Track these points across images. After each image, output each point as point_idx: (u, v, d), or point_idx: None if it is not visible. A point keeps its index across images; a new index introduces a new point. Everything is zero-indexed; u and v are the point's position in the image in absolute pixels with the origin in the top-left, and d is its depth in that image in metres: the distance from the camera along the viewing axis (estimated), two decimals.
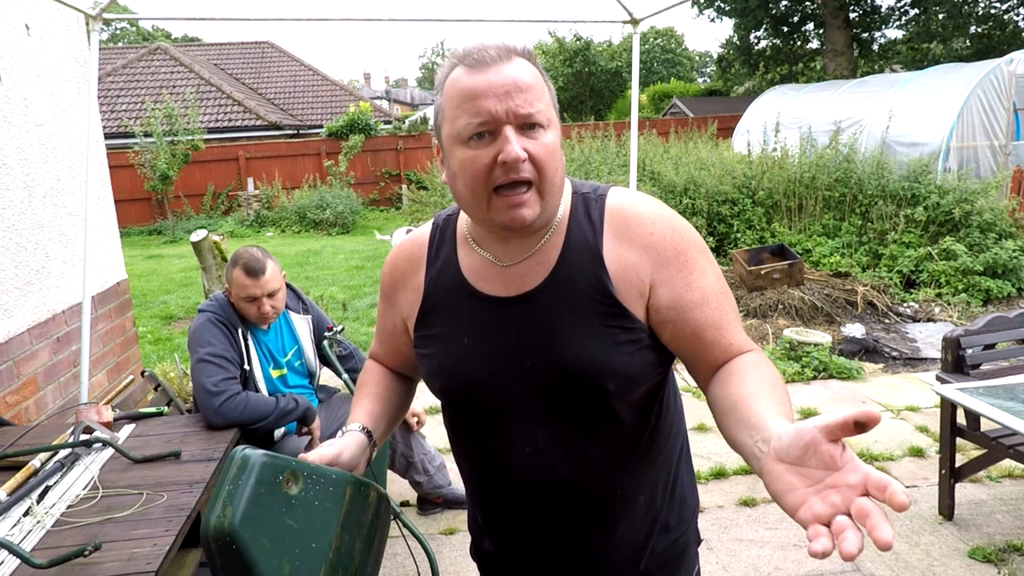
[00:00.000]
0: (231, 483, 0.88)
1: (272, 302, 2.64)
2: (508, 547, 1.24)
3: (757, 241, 7.57)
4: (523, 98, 0.97)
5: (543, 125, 1.00)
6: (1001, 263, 6.41)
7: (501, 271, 1.10)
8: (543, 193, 1.01)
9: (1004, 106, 9.11)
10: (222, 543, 0.85)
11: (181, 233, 13.62)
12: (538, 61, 1.06)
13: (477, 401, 1.13)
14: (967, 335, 3.38)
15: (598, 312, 1.04)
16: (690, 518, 1.27)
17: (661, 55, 39.22)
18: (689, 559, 1.28)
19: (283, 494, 0.92)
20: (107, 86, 17.82)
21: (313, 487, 0.96)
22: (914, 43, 21.42)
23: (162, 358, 5.65)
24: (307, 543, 0.94)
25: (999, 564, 2.72)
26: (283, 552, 0.90)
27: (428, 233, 1.20)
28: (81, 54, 4.01)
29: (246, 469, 0.89)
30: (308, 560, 0.94)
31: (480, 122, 0.97)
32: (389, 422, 1.27)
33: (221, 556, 0.86)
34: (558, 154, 1.03)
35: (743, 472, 3.56)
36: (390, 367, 1.33)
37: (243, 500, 0.87)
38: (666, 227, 1.07)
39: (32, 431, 2.42)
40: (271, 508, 0.91)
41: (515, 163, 0.96)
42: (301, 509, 0.94)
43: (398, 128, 17.87)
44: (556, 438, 1.09)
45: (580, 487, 1.12)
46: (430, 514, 3.22)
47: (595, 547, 1.17)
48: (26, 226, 3.26)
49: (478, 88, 0.97)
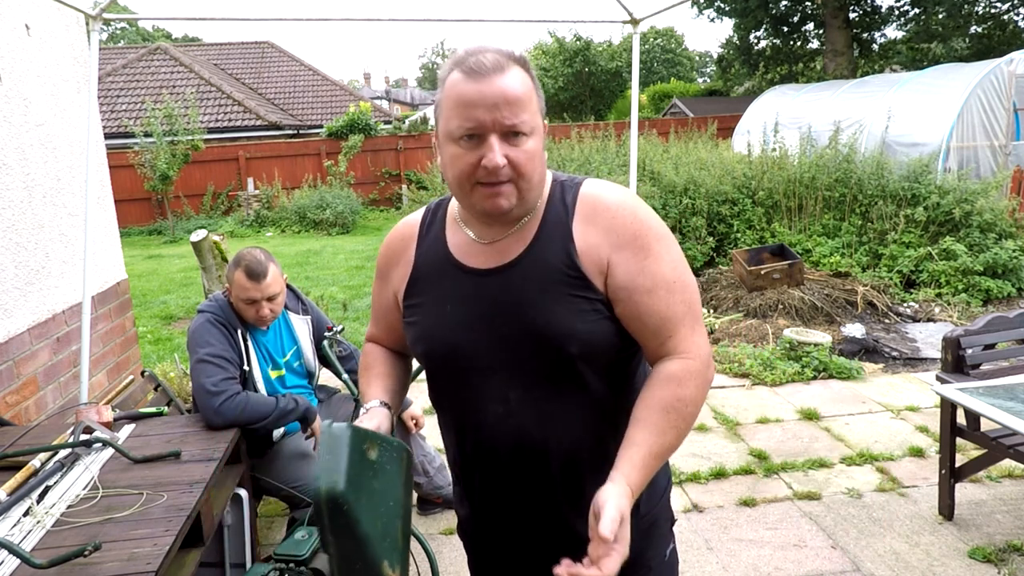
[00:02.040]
0: (330, 452, 0.98)
1: (271, 306, 2.64)
2: (484, 511, 1.33)
3: (757, 241, 7.57)
4: (510, 110, 1.10)
5: (526, 133, 1.12)
6: (1001, 263, 6.40)
7: (484, 247, 1.22)
8: (521, 189, 1.14)
9: (1004, 106, 9.10)
10: (334, 505, 0.94)
11: (181, 233, 13.62)
12: (531, 66, 1.18)
13: (456, 363, 1.22)
14: (967, 335, 3.38)
15: (565, 282, 1.16)
16: (659, 498, 1.34)
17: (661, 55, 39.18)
18: (660, 535, 1.35)
19: (368, 460, 1.03)
20: (107, 86, 17.80)
21: (384, 453, 1.07)
22: (914, 43, 21.40)
23: (162, 358, 5.65)
24: (387, 501, 1.05)
25: (999, 564, 2.72)
26: (374, 510, 1.02)
27: (421, 215, 1.34)
28: (81, 54, 4.01)
29: (341, 439, 1.00)
30: (390, 517, 1.05)
31: (469, 127, 1.10)
32: (399, 397, 1.38)
33: (332, 517, 0.95)
34: (538, 158, 1.15)
35: (743, 472, 3.56)
36: (387, 346, 1.44)
37: (345, 466, 0.97)
38: (628, 213, 1.18)
39: (32, 431, 2.42)
40: (363, 472, 1.01)
41: (495, 170, 1.10)
42: (380, 473, 1.06)
43: (398, 128, 17.86)
44: (525, 399, 1.19)
45: (547, 448, 1.21)
46: (430, 514, 3.22)
47: (562, 513, 1.25)
48: (26, 226, 3.26)
49: (471, 97, 1.10)
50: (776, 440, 3.92)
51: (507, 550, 1.34)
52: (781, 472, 3.56)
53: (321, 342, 2.90)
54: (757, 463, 3.65)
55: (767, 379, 4.78)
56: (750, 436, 3.98)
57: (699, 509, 3.25)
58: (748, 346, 5.33)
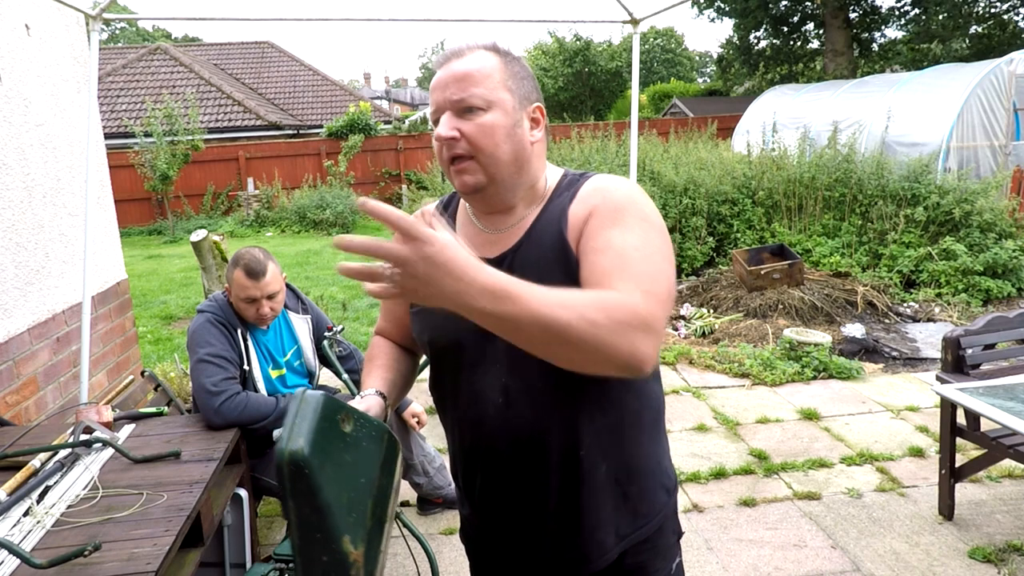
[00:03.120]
0: (299, 416, 0.97)
1: (271, 304, 2.64)
2: (484, 511, 1.31)
3: (757, 241, 7.57)
4: (457, 86, 1.12)
5: (480, 107, 1.12)
6: (1001, 263, 6.40)
7: (489, 236, 1.24)
8: (483, 164, 1.14)
9: (1004, 106, 9.10)
10: (295, 467, 0.93)
11: (181, 233, 13.61)
12: (509, 53, 1.19)
13: (459, 353, 1.22)
14: (967, 335, 3.38)
15: (560, 262, 1.14)
16: (662, 507, 1.31)
17: (661, 55, 39.19)
18: (666, 546, 1.32)
19: (340, 431, 1.02)
20: (107, 86, 17.80)
21: (361, 429, 1.06)
22: (914, 43, 21.39)
23: (162, 358, 5.65)
24: (357, 478, 1.03)
25: (999, 564, 2.72)
26: (342, 482, 0.99)
27: (434, 207, 1.36)
28: (81, 54, 4.01)
29: (311, 405, 0.99)
30: (359, 493, 1.03)
31: (434, 110, 1.17)
32: (399, 391, 1.36)
33: (293, 481, 0.93)
34: (497, 132, 1.14)
35: (743, 472, 3.56)
36: (395, 340, 1.43)
37: (311, 431, 0.95)
38: (624, 194, 1.15)
39: (32, 431, 2.42)
40: (333, 442, 0.99)
41: (446, 141, 1.12)
42: (353, 447, 1.04)
43: (398, 128, 17.85)
44: (524, 389, 1.18)
45: (544, 441, 1.19)
46: (430, 514, 3.22)
47: (558, 512, 1.23)
48: (26, 226, 3.26)
49: (435, 82, 1.17)
50: (776, 440, 3.92)
51: (506, 552, 1.33)
52: (781, 472, 3.56)
53: (321, 342, 2.90)
54: (757, 463, 3.65)
55: (767, 379, 4.78)
56: (750, 436, 3.98)
57: (699, 509, 3.25)
58: (748, 346, 5.33)
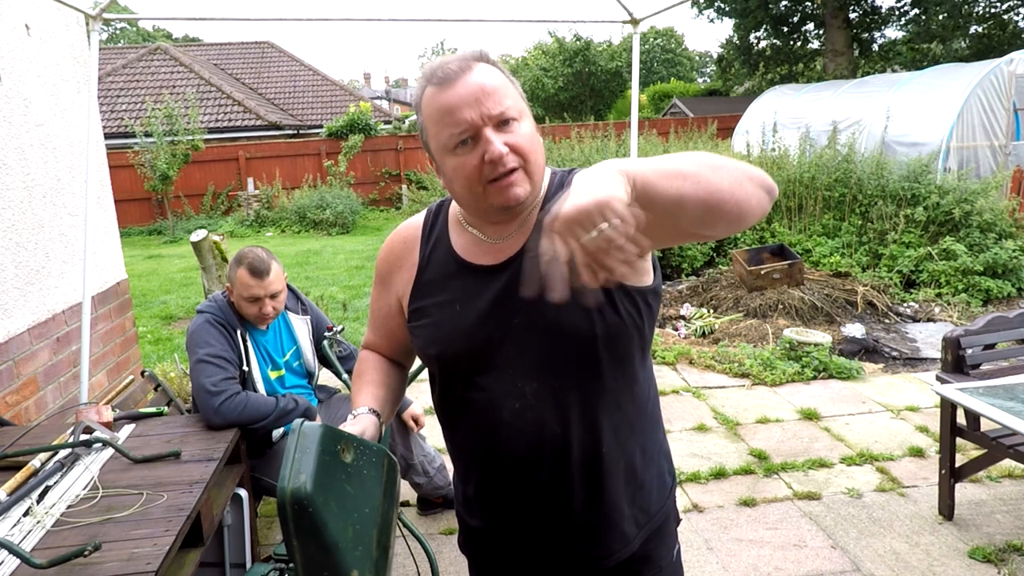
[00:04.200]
0: (299, 451, 0.94)
1: (274, 303, 2.65)
2: (497, 519, 1.28)
3: (757, 241, 7.57)
4: (492, 100, 1.08)
5: (515, 118, 1.11)
6: (1001, 263, 6.40)
7: (490, 246, 1.20)
8: (530, 173, 1.12)
9: (1004, 106, 9.10)
10: (299, 507, 0.90)
11: (181, 233, 13.61)
12: (497, 62, 1.16)
13: (470, 363, 1.19)
14: (967, 335, 3.38)
15: None
16: (669, 491, 1.35)
17: (661, 55, 39.17)
18: (669, 535, 1.35)
19: (341, 462, 0.99)
20: (107, 86, 17.80)
21: (361, 456, 1.03)
22: (914, 43, 21.39)
23: (162, 358, 5.65)
24: (362, 507, 1.00)
25: (999, 564, 2.72)
26: (346, 515, 0.97)
27: (423, 218, 1.31)
28: (81, 54, 4.01)
29: (311, 438, 0.95)
30: (364, 524, 1.00)
31: (461, 131, 1.08)
32: (391, 407, 1.34)
33: (297, 519, 0.91)
34: (535, 139, 1.14)
35: (743, 472, 3.56)
36: (384, 354, 1.42)
37: (313, 467, 0.92)
38: None
39: (32, 431, 2.42)
40: (335, 475, 0.97)
41: (500, 159, 1.07)
42: (355, 476, 1.01)
43: (398, 128, 17.86)
44: (543, 391, 1.16)
45: (567, 440, 1.17)
46: (430, 514, 3.22)
47: (584, 510, 1.22)
48: (26, 226, 3.26)
49: (451, 102, 1.09)
50: (776, 440, 3.92)
51: (522, 556, 1.30)
52: (781, 472, 3.56)
53: (321, 342, 2.90)
54: (757, 463, 3.65)
55: (767, 379, 4.78)
56: (750, 436, 3.98)
57: (699, 509, 3.25)
58: (748, 346, 5.33)
